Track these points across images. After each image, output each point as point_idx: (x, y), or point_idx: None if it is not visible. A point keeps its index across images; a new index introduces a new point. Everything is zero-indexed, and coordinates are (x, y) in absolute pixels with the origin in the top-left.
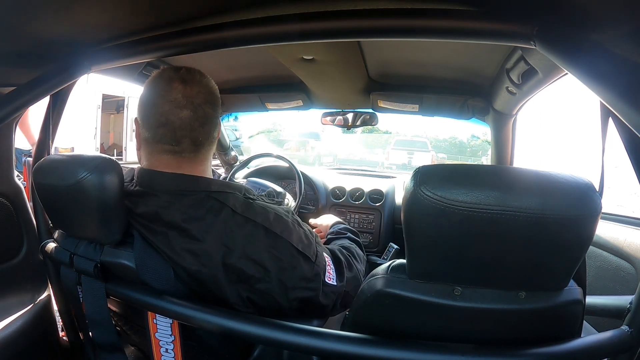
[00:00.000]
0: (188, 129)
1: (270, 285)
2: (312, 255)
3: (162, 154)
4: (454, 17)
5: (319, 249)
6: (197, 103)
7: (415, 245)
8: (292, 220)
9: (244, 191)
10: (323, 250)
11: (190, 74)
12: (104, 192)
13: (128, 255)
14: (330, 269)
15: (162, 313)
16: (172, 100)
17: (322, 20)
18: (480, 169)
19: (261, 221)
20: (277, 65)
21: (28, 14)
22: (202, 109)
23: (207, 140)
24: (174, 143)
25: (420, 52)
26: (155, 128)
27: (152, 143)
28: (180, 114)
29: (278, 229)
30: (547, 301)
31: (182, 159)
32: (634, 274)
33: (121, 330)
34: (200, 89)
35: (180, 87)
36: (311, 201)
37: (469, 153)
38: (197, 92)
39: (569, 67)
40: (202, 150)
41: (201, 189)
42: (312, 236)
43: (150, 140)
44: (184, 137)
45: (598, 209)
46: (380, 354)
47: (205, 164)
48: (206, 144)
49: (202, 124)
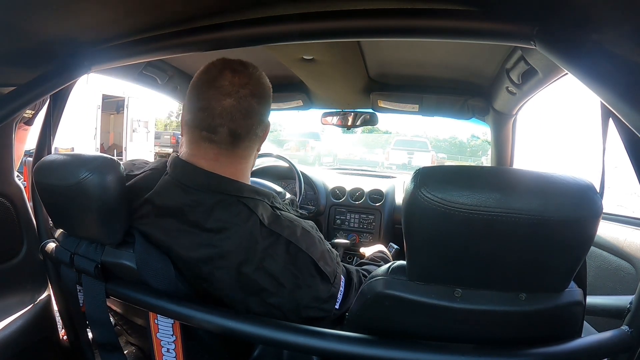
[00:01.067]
0: (228, 118)
1: (283, 301)
2: (331, 276)
3: (200, 142)
4: (454, 17)
5: (339, 270)
6: (243, 94)
7: (416, 247)
8: (317, 237)
9: (272, 199)
10: (342, 271)
11: (242, 65)
12: (105, 193)
13: (129, 256)
14: (340, 293)
15: (162, 313)
16: (218, 87)
17: (322, 20)
18: (481, 171)
19: (287, 235)
20: (277, 65)
21: (28, 14)
22: (246, 100)
23: (247, 134)
24: (211, 130)
25: (420, 52)
26: (195, 111)
27: (192, 127)
28: (223, 100)
29: (304, 245)
30: (547, 303)
31: (220, 150)
32: (634, 274)
33: (121, 330)
34: (249, 80)
35: (229, 76)
36: (311, 201)
37: (469, 153)
38: (245, 83)
39: (569, 67)
40: (241, 145)
41: (232, 193)
42: (334, 255)
43: (190, 124)
44: (221, 126)
45: (599, 211)
46: (380, 354)
47: (244, 163)
48: (246, 139)
49: (244, 116)
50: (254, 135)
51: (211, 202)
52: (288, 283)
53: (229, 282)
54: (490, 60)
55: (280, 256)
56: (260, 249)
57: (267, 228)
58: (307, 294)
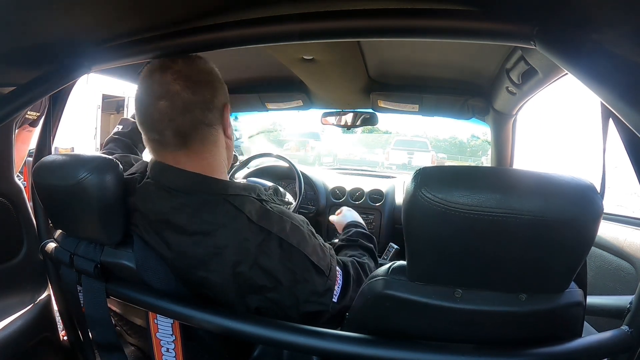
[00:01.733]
0: (167, 120)
1: (281, 297)
2: (325, 269)
3: (158, 150)
4: (454, 17)
5: (333, 262)
6: (173, 91)
7: (416, 247)
8: (307, 231)
9: (258, 192)
10: (337, 263)
11: (171, 61)
12: (104, 193)
13: (128, 256)
14: (338, 286)
15: (162, 313)
16: (150, 93)
17: (322, 20)
18: (481, 171)
19: (277, 231)
20: (277, 65)
21: (28, 14)
22: (179, 96)
23: (195, 129)
24: (159, 136)
25: (420, 52)
26: (141, 123)
27: (146, 138)
28: (157, 104)
29: (294, 240)
30: (548, 303)
31: (176, 152)
32: (634, 274)
33: (121, 330)
34: (178, 75)
35: (157, 77)
36: (311, 201)
37: (469, 153)
38: (174, 79)
39: (569, 67)
40: (193, 142)
41: (217, 192)
42: (327, 249)
43: (145, 137)
44: (165, 129)
45: (599, 211)
46: (380, 354)
47: (210, 160)
48: (196, 134)
49: (183, 113)
50: (205, 125)
51: (196, 203)
52: (285, 279)
53: (224, 284)
54: (490, 60)
55: (274, 252)
56: (253, 246)
57: (257, 225)
58: (305, 288)
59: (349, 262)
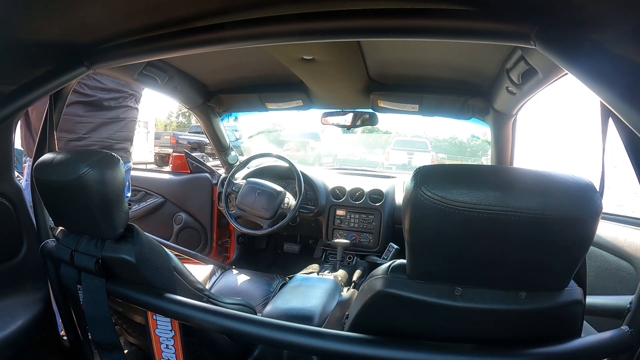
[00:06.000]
0: None
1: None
2: None
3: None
4: (454, 17)
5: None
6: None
7: (416, 246)
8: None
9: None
10: None
11: None
12: (105, 187)
13: (128, 250)
14: None
15: (162, 313)
16: None
17: (322, 20)
18: (481, 169)
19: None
20: (277, 65)
21: (29, 14)
22: None
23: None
24: None
25: (420, 52)
26: None
27: None
28: None
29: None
30: (547, 301)
31: None
32: (634, 274)
33: (120, 328)
34: None
35: None
36: (311, 201)
37: (469, 153)
38: None
39: (569, 67)
40: None
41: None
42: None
43: None
44: None
45: (599, 210)
46: (380, 354)
47: None
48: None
49: None
50: None
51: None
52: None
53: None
54: (490, 60)
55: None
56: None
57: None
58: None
59: None
